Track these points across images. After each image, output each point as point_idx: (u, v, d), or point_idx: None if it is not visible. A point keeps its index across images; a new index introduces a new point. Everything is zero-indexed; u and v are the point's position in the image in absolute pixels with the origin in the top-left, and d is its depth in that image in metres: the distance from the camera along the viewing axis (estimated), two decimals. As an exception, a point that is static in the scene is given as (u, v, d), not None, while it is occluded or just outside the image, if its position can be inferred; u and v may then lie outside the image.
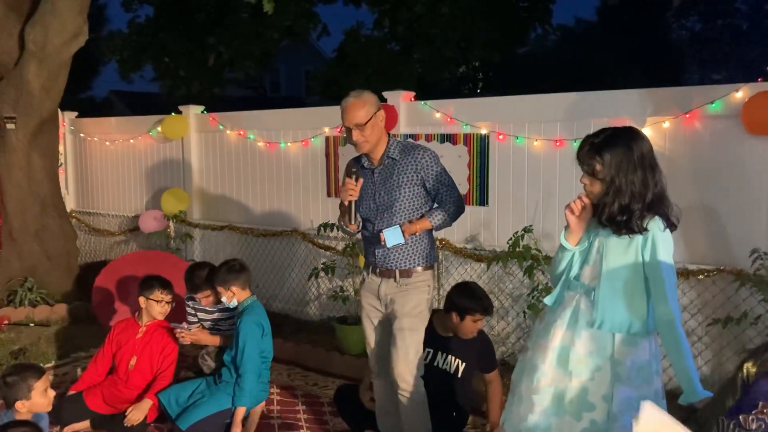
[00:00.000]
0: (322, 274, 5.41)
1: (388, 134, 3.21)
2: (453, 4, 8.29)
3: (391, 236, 3.06)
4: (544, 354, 2.40)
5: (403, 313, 3.15)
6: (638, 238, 2.26)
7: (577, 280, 2.43)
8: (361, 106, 3.05)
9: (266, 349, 3.66)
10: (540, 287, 4.36)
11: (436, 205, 3.18)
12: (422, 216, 3.13)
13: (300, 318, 6.05)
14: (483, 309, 3.46)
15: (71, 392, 3.94)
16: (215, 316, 3.97)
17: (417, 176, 3.10)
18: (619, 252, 2.30)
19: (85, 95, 23.40)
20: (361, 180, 3.10)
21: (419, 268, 3.17)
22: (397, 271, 3.15)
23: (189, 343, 3.84)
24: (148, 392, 3.79)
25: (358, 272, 5.34)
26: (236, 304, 3.66)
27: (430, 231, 3.20)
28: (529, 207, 4.81)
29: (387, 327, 3.25)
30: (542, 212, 4.75)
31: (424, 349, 3.21)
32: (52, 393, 3.04)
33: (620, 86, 4.43)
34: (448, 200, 3.14)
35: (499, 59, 10.57)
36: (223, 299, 3.65)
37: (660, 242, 2.25)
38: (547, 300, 2.53)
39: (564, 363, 2.36)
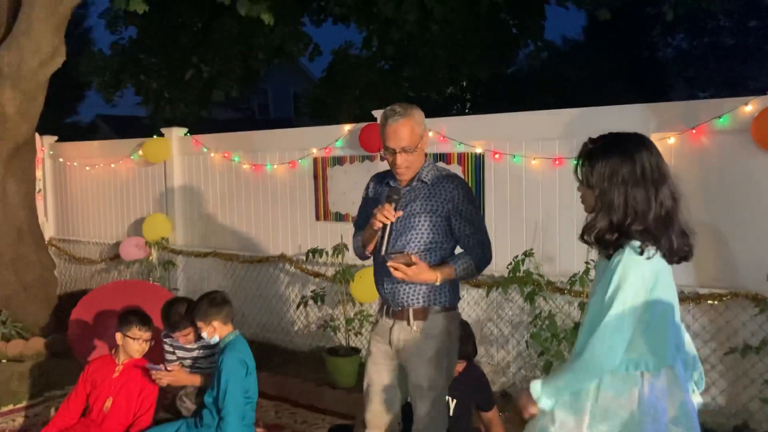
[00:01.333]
0: (310, 302, 5.14)
1: (426, 155, 2.82)
2: (443, 21, 8.15)
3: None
4: None
5: (419, 368, 2.70)
6: (612, 263, 1.95)
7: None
8: (411, 126, 2.64)
9: (251, 388, 3.39)
10: (543, 314, 4.11)
11: (458, 249, 2.74)
12: (443, 261, 2.68)
13: (288, 348, 5.77)
14: (465, 356, 3.19)
15: (41, 437, 3.65)
16: (195, 354, 3.70)
17: (443, 208, 2.69)
18: (603, 278, 2.00)
19: (70, 119, 23.12)
20: (399, 213, 2.65)
21: (438, 309, 2.71)
22: (411, 311, 2.71)
23: (166, 384, 3.56)
24: None
25: (348, 300, 5.08)
26: (218, 340, 3.39)
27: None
28: (527, 229, 4.58)
29: (395, 379, 2.84)
30: (542, 235, 4.53)
31: None
32: None
33: (607, 104, 4.23)
34: (475, 245, 2.69)
35: (488, 77, 10.43)
36: (204, 335, 3.38)
37: (621, 273, 1.90)
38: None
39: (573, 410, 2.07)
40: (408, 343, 2.72)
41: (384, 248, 2.59)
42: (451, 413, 3.21)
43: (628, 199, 1.95)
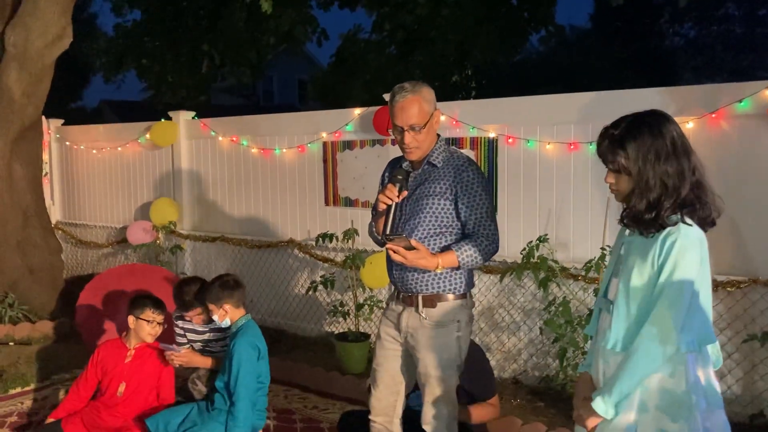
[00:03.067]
0: (320, 287, 5.10)
1: (438, 136, 2.71)
2: (454, 5, 8.05)
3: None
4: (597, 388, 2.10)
5: (428, 359, 2.64)
6: (657, 243, 1.92)
7: (605, 296, 2.13)
8: (419, 103, 2.55)
9: (263, 373, 3.33)
10: (556, 301, 4.05)
11: (465, 235, 2.62)
12: (446, 247, 2.57)
13: (297, 334, 5.73)
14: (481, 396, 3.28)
15: (50, 420, 3.61)
16: (206, 336, 3.65)
17: (451, 191, 2.59)
18: (640, 257, 1.96)
19: (75, 105, 23.07)
20: (405, 192, 2.58)
21: (449, 296, 2.62)
22: (420, 298, 2.63)
23: (179, 365, 3.52)
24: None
25: (358, 286, 5.03)
26: (229, 323, 3.34)
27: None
28: (541, 215, 4.52)
29: (403, 364, 2.78)
30: (555, 220, 4.47)
31: None
32: None
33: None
34: (481, 233, 2.57)
35: (494, 65, 10.33)
36: (215, 318, 3.33)
37: (679, 251, 1.88)
38: (587, 330, 2.23)
39: None
40: (416, 330, 2.65)
41: (388, 229, 2.53)
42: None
43: (662, 176, 1.92)
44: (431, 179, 2.63)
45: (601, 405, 1.95)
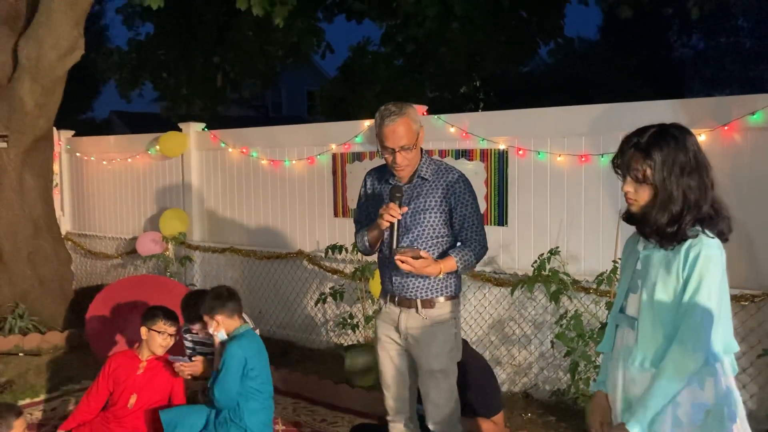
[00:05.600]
0: (329, 299, 5.08)
1: (422, 150, 2.89)
2: (464, 18, 8.07)
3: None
4: (614, 407, 2.07)
5: (431, 354, 2.81)
6: (680, 255, 1.91)
7: (623, 312, 2.10)
8: (407, 124, 2.72)
9: (259, 377, 3.32)
10: (568, 314, 4.02)
11: (459, 242, 2.83)
12: (443, 254, 2.78)
13: (306, 346, 5.71)
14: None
15: (60, 431, 3.62)
16: (214, 348, 3.64)
17: (445, 202, 2.81)
18: (662, 270, 1.95)
19: (86, 116, 23.25)
20: (405, 208, 2.76)
21: (441, 299, 2.84)
22: (419, 302, 2.82)
23: (189, 376, 3.52)
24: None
25: (368, 298, 5.01)
26: (225, 336, 3.33)
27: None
28: (552, 227, 4.50)
29: (406, 362, 2.92)
30: (566, 233, 4.44)
31: None
32: None
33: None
34: (473, 238, 2.80)
35: (503, 77, 10.34)
36: (210, 330, 3.34)
37: (703, 263, 1.87)
38: (601, 347, 2.21)
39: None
40: (417, 330, 2.82)
41: (394, 244, 2.71)
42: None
43: (685, 189, 1.92)
44: (424, 193, 2.82)
45: (636, 427, 1.91)
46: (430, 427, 2.84)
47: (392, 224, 2.72)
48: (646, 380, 1.96)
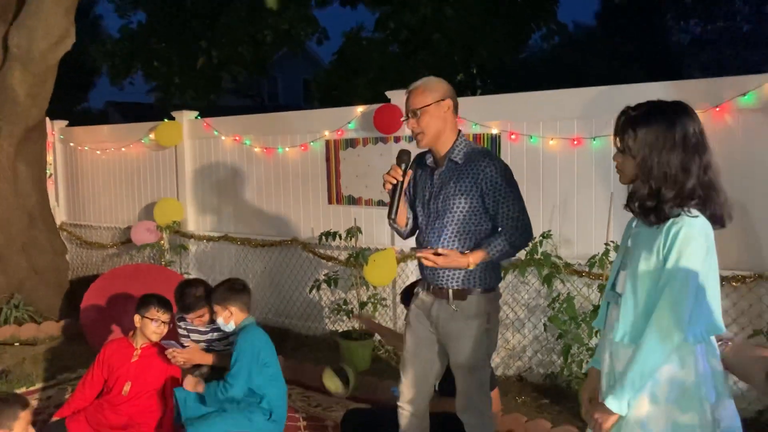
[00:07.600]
0: (324, 285, 5.09)
1: (459, 132, 2.74)
2: (456, 4, 8.01)
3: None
4: (602, 384, 2.09)
5: (459, 349, 2.70)
6: (662, 233, 1.91)
7: (613, 289, 2.12)
8: (422, 90, 2.66)
9: (270, 373, 3.36)
10: (561, 297, 4.03)
11: (499, 229, 2.67)
12: (478, 245, 2.63)
13: (301, 333, 5.73)
14: None
15: (55, 418, 3.62)
16: (209, 336, 3.65)
17: (476, 189, 2.62)
18: (646, 247, 1.96)
19: (81, 107, 23.15)
20: (410, 172, 2.68)
21: (477, 290, 2.67)
22: (451, 291, 2.68)
23: (182, 362, 3.52)
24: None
25: (362, 284, 5.02)
26: (233, 327, 3.35)
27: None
28: (544, 211, 4.50)
29: (433, 352, 2.82)
30: (559, 216, 4.44)
31: None
32: (32, 430, 2.92)
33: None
34: (509, 225, 2.62)
35: (499, 64, 10.30)
36: (219, 320, 3.35)
37: (682, 240, 1.87)
38: (596, 323, 2.22)
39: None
40: (447, 322, 2.70)
41: (393, 212, 2.65)
42: (436, 388, 3.06)
43: (664, 166, 1.92)
44: (455, 178, 2.67)
45: (614, 403, 1.93)
46: (460, 416, 2.79)
47: (394, 190, 2.64)
48: (627, 356, 1.97)
